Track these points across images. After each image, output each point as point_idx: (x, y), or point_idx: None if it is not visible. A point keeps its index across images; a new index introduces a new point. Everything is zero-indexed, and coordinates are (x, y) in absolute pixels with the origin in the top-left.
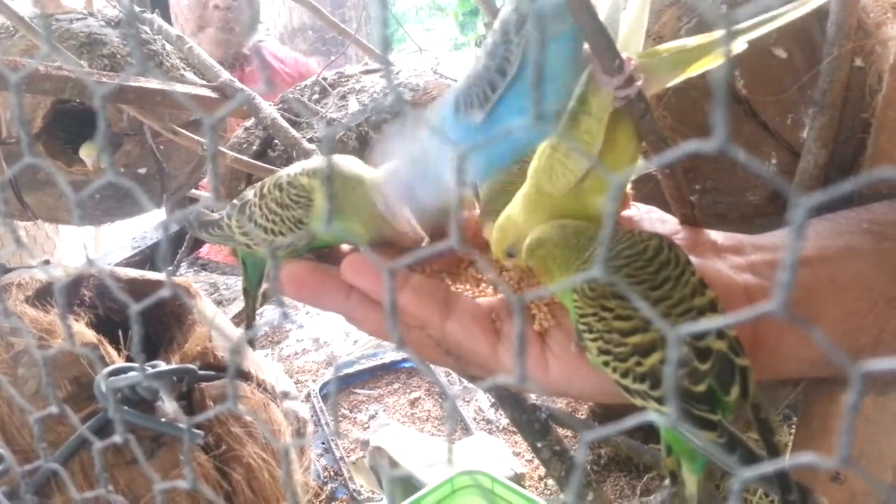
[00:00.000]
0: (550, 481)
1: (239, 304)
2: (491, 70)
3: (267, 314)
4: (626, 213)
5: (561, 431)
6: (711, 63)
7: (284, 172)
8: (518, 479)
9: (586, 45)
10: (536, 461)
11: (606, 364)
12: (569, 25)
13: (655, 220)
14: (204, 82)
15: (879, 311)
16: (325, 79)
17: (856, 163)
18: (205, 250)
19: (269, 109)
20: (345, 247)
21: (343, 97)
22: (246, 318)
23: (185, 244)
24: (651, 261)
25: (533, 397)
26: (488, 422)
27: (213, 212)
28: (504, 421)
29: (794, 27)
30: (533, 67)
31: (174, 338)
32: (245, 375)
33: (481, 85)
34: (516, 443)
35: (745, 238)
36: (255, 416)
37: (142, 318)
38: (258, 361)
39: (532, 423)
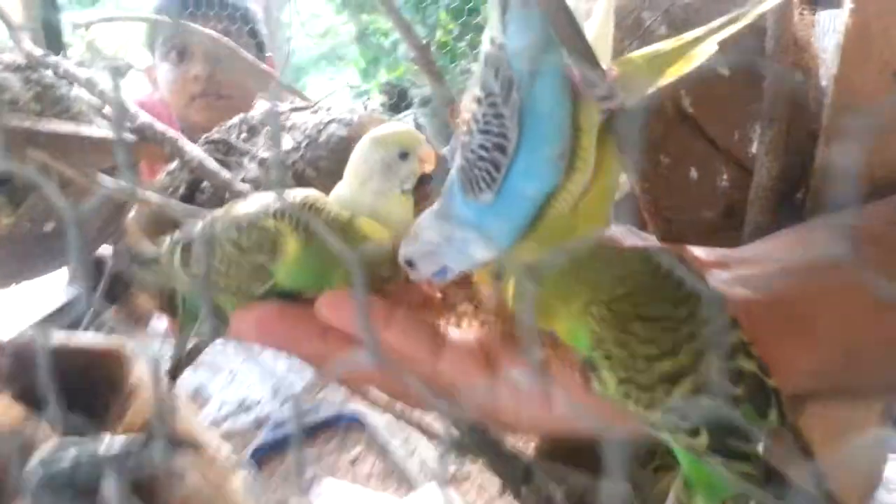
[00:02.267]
0: None
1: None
2: (489, 148)
3: (186, 379)
4: (609, 233)
5: None
6: (686, 67)
7: (240, 210)
8: None
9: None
10: None
11: (628, 396)
12: (551, 59)
13: (637, 240)
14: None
15: (868, 318)
16: (252, 117)
17: (805, 174)
18: (110, 314)
19: (196, 151)
20: None
21: (274, 136)
22: (174, 360)
23: (96, 301)
24: (667, 277)
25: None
26: (434, 475)
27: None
28: (452, 469)
29: (734, 44)
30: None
31: (112, 410)
32: (196, 446)
33: (483, 166)
34: (466, 492)
35: (726, 252)
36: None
37: (69, 389)
38: (204, 424)
39: (514, 470)
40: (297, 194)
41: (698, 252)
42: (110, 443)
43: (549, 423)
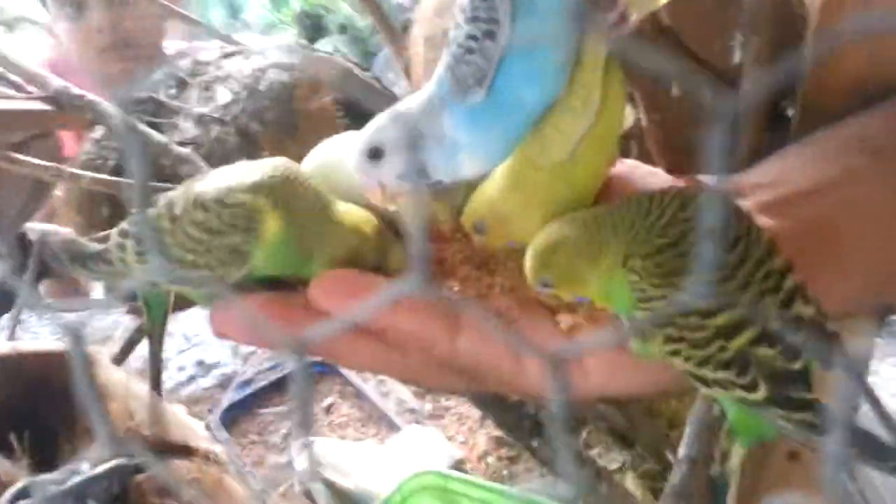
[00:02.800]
0: (491, 459)
1: (110, 347)
2: (478, 37)
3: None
4: (614, 171)
5: None
6: None
7: (204, 187)
8: (458, 464)
9: None
10: (471, 442)
11: (676, 354)
12: None
13: (645, 174)
14: (26, 94)
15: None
16: (178, 68)
17: (791, 83)
18: (43, 288)
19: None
20: None
21: (207, 87)
22: (151, 369)
23: (27, 281)
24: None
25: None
26: (412, 412)
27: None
28: (428, 407)
29: None
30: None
31: (77, 422)
32: (185, 451)
33: (471, 58)
34: (445, 427)
35: (738, 178)
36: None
37: (25, 404)
38: (191, 425)
39: (521, 422)
40: (270, 165)
41: (710, 181)
42: (88, 472)
43: (581, 390)
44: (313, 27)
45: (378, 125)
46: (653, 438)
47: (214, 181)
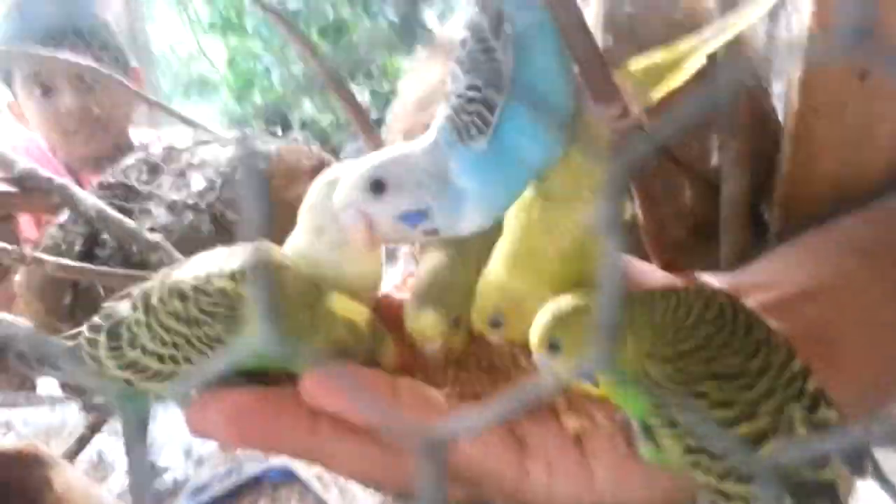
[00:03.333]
0: None
1: (57, 444)
2: (481, 87)
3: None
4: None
5: None
6: (678, 79)
7: (182, 275)
8: None
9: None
10: None
11: (696, 465)
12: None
13: (644, 269)
14: None
15: (893, 338)
16: (151, 155)
17: (769, 184)
18: None
19: (92, 199)
20: None
21: (181, 174)
22: (134, 484)
23: None
24: (735, 322)
25: None
26: None
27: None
28: None
29: None
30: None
31: None
32: None
33: (473, 107)
34: None
35: (734, 277)
36: None
37: None
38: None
39: None
40: (250, 249)
41: (710, 280)
42: None
43: (587, 499)
44: (277, 122)
45: (382, 160)
46: None
47: (193, 268)
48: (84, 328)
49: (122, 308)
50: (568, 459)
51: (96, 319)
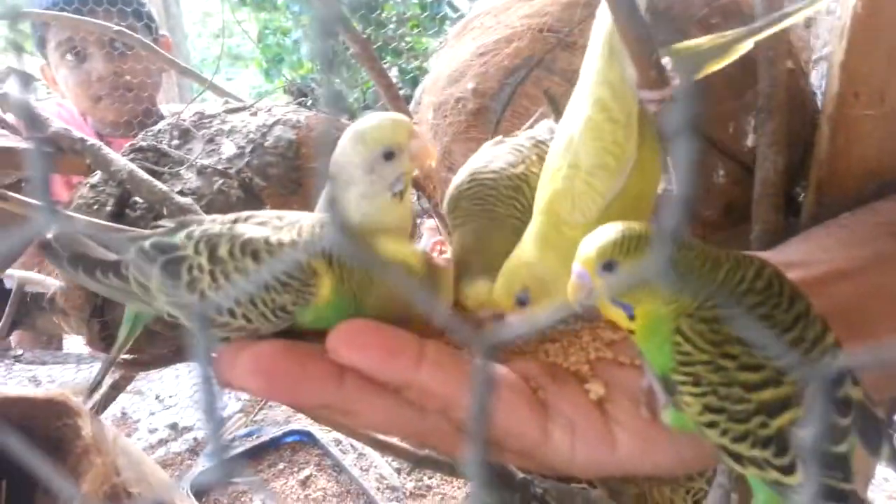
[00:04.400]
0: None
1: (83, 401)
2: None
3: (111, 408)
4: None
5: None
6: (724, 62)
7: (257, 234)
8: None
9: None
10: None
11: (713, 425)
12: None
13: None
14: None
15: None
16: (183, 121)
17: (804, 166)
18: (14, 338)
19: (123, 161)
20: None
21: (211, 140)
22: (100, 374)
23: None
24: (780, 295)
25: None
26: (393, 489)
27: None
28: (410, 485)
29: None
30: None
31: (59, 474)
32: None
33: None
34: None
35: (768, 256)
36: None
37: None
38: (174, 486)
39: (529, 503)
40: (316, 221)
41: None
42: None
43: (610, 464)
44: (302, 96)
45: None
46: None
47: (266, 229)
48: (134, 249)
49: (177, 241)
50: (590, 424)
51: (147, 246)
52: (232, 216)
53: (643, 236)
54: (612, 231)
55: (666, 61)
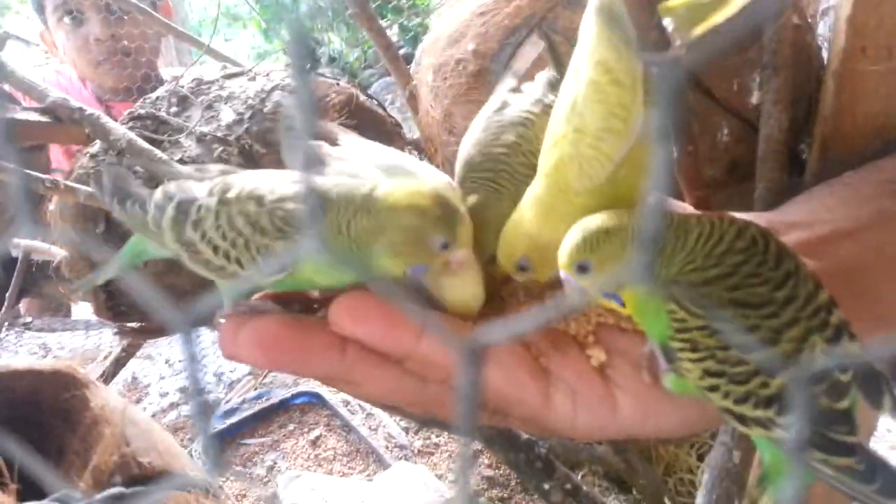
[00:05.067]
0: (482, 500)
1: (92, 367)
2: None
3: (121, 374)
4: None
5: None
6: (726, 13)
7: (267, 184)
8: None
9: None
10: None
11: (714, 389)
12: None
13: (674, 208)
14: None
15: None
16: (181, 87)
17: (809, 123)
18: (23, 306)
19: (122, 130)
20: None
21: (210, 106)
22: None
23: (9, 299)
24: (765, 253)
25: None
26: (402, 447)
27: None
28: (418, 443)
29: None
30: None
31: (68, 446)
32: (181, 480)
33: None
34: (435, 465)
35: (772, 217)
36: None
37: (14, 424)
38: (183, 454)
39: (532, 463)
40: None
41: (742, 218)
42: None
43: (612, 429)
44: (305, 57)
45: None
46: (651, 484)
47: (273, 181)
48: (160, 189)
49: (199, 189)
50: (592, 389)
51: (171, 187)
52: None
53: (609, 230)
54: (576, 233)
55: (667, 22)
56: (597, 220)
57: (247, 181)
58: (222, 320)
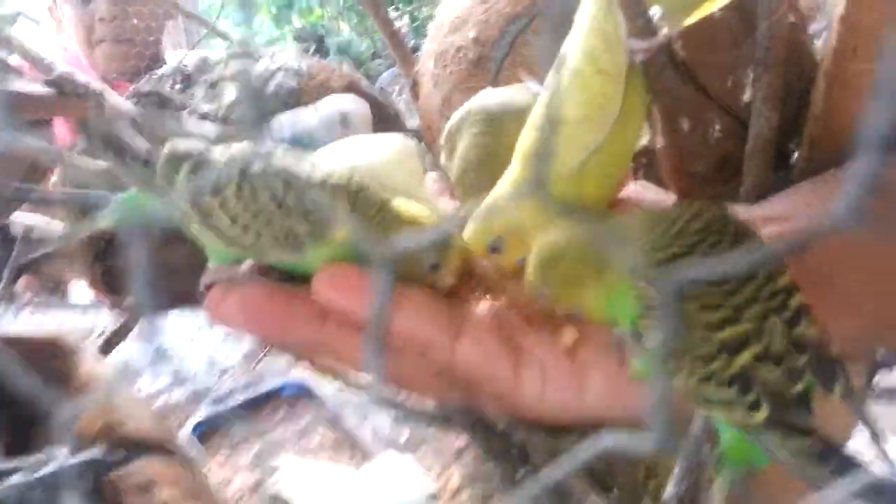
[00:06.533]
0: (464, 496)
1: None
2: None
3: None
4: (624, 192)
5: None
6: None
7: (289, 163)
8: (431, 499)
9: None
10: (446, 476)
11: (679, 369)
12: None
13: (655, 197)
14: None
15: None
16: (185, 66)
17: (799, 122)
18: (21, 284)
19: (127, 105)
20: None
21: (213, 86)
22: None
23: (7, 276)
24: (722, 233)
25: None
26: (388, 440)
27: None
28: (405, 437)
29: None
30: None
31: (55, 412)
32: (164, 450)
33: None
34: (422, 457)
35: (748, 210)
36: None
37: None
38: (169, 427)
39: (509, 449)
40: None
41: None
42: (62, 462)
43: (579, 410)
44: (316, 44)
45: None
46: (630, 485)
47: (296, 160)
48: (168, 146)
49: (214, 154)
50: (561, 368)
51: (181, 148)
52: None
53: (565, 249)
54: (537, 257)
55: (654, 10)
56: (547, 245)
57: (269, 155)
58: (209, 285)
